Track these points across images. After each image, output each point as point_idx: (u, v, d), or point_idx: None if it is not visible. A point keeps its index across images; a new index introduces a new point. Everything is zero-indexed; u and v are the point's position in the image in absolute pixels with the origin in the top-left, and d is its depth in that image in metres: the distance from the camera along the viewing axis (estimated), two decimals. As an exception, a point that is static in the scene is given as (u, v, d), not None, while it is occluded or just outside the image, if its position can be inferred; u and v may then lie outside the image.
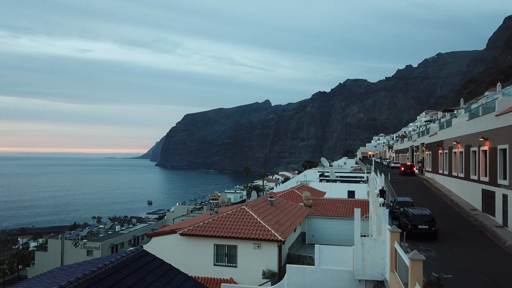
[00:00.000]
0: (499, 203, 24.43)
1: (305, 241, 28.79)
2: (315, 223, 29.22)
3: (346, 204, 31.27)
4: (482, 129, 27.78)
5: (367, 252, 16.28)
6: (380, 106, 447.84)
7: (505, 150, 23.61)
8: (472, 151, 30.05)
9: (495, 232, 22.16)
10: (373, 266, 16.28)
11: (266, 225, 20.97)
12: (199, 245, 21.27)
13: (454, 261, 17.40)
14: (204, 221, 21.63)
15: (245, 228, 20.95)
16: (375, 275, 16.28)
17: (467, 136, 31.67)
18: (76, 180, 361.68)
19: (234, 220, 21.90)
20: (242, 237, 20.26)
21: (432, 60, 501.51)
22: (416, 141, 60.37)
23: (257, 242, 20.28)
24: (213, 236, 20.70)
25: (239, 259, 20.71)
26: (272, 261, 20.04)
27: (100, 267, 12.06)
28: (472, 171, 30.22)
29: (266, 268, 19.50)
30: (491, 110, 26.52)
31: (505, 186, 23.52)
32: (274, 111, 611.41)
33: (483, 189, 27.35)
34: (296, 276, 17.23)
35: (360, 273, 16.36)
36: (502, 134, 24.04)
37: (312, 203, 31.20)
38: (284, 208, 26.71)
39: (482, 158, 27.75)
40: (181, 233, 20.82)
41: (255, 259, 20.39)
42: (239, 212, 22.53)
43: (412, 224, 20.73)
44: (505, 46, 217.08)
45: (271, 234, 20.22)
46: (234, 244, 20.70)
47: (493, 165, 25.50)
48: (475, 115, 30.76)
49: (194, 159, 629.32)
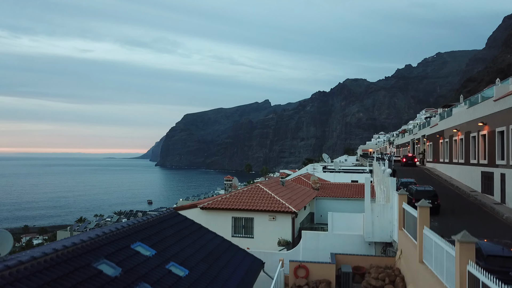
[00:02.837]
0: (497, 182, 25.98)
1: (314, 221, 30.38)
2: (323, 204, 30.79)
3: (352, 187, 32.84)
4: (481, 114, 29.32)
5: (376, 217, 17.81)
6: (380, 106, 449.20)
7: (503, 132, 25.16)
8: (472, 137, 31.60)
9: (494, 207, 23.70)
10: (382, 230, 17.81)
11: (280, 199, 22.54)
12: (218, 218, 22.82)
13: (455, 229, 18.92)
14: (223, 196, 23.20)
15: (260, 202, 22.52)
16: (383, 238, 17.81)
17: (467, 123, 33.22)
18: (76, 180, 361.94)
19: (250, 195, 23.48)
20: (258, 210, 21.81)
21: (432, 59, 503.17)
22: (417, 134, 61.95)
23: (272, 214, 21.83)
24: (231, 209, 22.27)
25: (256, 231, 22.27)
26: (286, 231, 21.59)
27: (144, 220, 13.62)
28: (472, 156, 31.76)
29: (281, 237, 21.06)
30: (490, 96, 28.10)
31: (503, 165, 25.06)
32: (274, 111, 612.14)
33: (482, 171, 28.89)
34: (311, 241, 18.75)
35: (370, 236, 17.89)
36: (500, 118, 25.59)
37: (319, 186, 32.77)
38: (294, 188, 28.29)
39: (482, 143, 29.30)
40: (201, 207, 22.39)
41: (271, 230, 21.94)
42: (254, 189, 24.10)
43: (416, 199, 22.29)
44: (504, 45, 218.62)
45: (285, 206, 21.79)
46: (250, 217, 22.26)
47: (491, 147, 27.05)
48: (475, 103, 32.33)
49: (194, 159, 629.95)
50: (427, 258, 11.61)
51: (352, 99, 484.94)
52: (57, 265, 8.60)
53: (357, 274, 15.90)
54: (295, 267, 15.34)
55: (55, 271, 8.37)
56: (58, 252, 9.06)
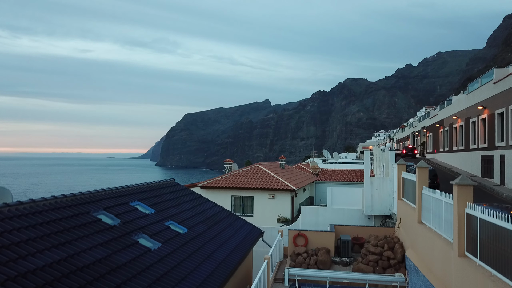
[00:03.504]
0: (497, 164, 25.97)
1: (313, 205, 30.37)
2: (322, 188, 30.77)
3: (351, 172, 32.86)
4: (481, 99, 29.32)
5: (375, 190, 17.83)
6: (380, 105, 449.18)
7: (502, 113, 25.16)
8: (472, 122, 31.61)
9: (493, 188, 23.70)
10: (381, 203, 17.83)
11: (279, 178, 22.56)
12: (218, 197, 22.82)
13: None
14: (222, 176, 23.23)
15: (260, 181, 22.55)
16: (383, 211, 17.82)
17: (467, 109, 33.23)
18: (76, 180, 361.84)
19: (250, 175, 23.51)
20: (258, 188, 21.83)
21: (432, 59, 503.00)
22: (417, 126, 62.01)
23: (271, 193, 21.86)
24: (231, 187, 22.29)
25: (255, 209, 22.30)
26: (286, 209, 21.62)
27: (145, 184, 13.64)
28: (471, 142, 31.76)
29: (280, 215, 21.08)
30: (490, 79, 28.11)
31: (502, 147, 25.06)
32: (274, 111, 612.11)
33: (482, 155, 28.89)
34: (310, 216, 18.76)
35: (369, 210, 17.90)
36: (499, 99, 25.58)
37: (319, 172, 32.78)
38: (294, 171, 28.32)
39: (481, 127, 29.30)
40: (201, 186, 22.43)
41: (270, 208, 21.98)
42: (254, 169, 24.13)
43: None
44: (504, 44, 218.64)
45: (285, 184, 21.80)
46: (250, 195, 22.29)
47: (491, 130, 27.05)
48: (474, 89, 32.34)
49: (194, 159, 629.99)
50: (426, 217, 11.62)
51: (352, 99, 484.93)
52: (56, 209, 8.62)
53: (356, 244, 15.92)
54: (294, 236, 15.35)
55: (54, 213, 8.39)
56: (57, 199, 9.09)
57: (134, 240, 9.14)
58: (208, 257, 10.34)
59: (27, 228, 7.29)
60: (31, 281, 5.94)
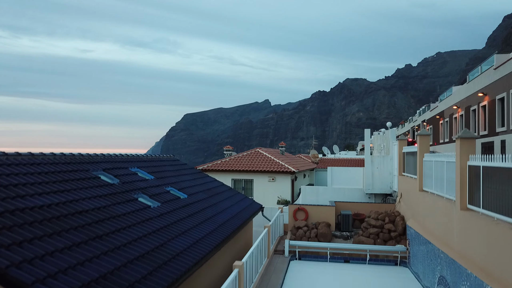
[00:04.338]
0: (497, 150, 25.87)
1: (314, 192, 30.33)
2: (322, 175, 30.67)
3: (351, 161, 32.80)
4: (481, 86, 29.26)
5: (376, 168, 17.76)
6: (380, 105, 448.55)
7: (503, 98, 25.11)
8: (472, 111, 31.55)
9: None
10: (382, 181, 17.76)
11: (279, 161, 22.49)
12: (218, 180, 22.70)
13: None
14: (222, 160, 23.14)
15: (260, 164, 22.48)
16: (383, 189, 17.75)
17: (467, 98, 33.16)
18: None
19: (250, 159, 23.43)
20: (258, 170, 21.76)
21: (432, 59, 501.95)
22: (417, 120, 61.93)
23: (272, 175, 21.79)
24: (231, 170, 22.23)
25: (255, 192, 22.23)
26: (286, 192, 21.55)
27: (145, 155, 13.57)
28: (472, 130, 31.69)
29: (280, 196, 21.01)
30: (490, 65, 28.03)
31: (503, 132, 24.99)
32: (274, 111, 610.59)
33: (482, 143, 28.81)
34: (310, 195, 18.69)
35: (370, 188, 17.83)
36: (500, 85, 25.53)
37: (319, 160, 32.73)
38: (294, 158, 28.26)
39: (482, 114, 29.24)
40: (201, 169, 22.33)
41: (270, 191, 21.91)
42: (254, 153, 24.07)
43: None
44: (504, 44, 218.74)
45: (285, 167, 21.74)
46: (250, 178, 22.22)
47: (491, 117, 26.98)
48: (475, 77, 32.27)
49: (194, 159, 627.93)
50: (427, 184, 11.57)
51: (352, 99, 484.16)
52: (55, 164, 8.55)
53: (357, 219, 15.85)
54: (294, 210, 15.28)
55: (52, 167, 8.32)
56: (55, 156, 9.01)
57: (133, 197, 9.07)
58: (208, 219, 10.28)
59: (25, 174, 7.22)
60: (29, 216, 5.87)
